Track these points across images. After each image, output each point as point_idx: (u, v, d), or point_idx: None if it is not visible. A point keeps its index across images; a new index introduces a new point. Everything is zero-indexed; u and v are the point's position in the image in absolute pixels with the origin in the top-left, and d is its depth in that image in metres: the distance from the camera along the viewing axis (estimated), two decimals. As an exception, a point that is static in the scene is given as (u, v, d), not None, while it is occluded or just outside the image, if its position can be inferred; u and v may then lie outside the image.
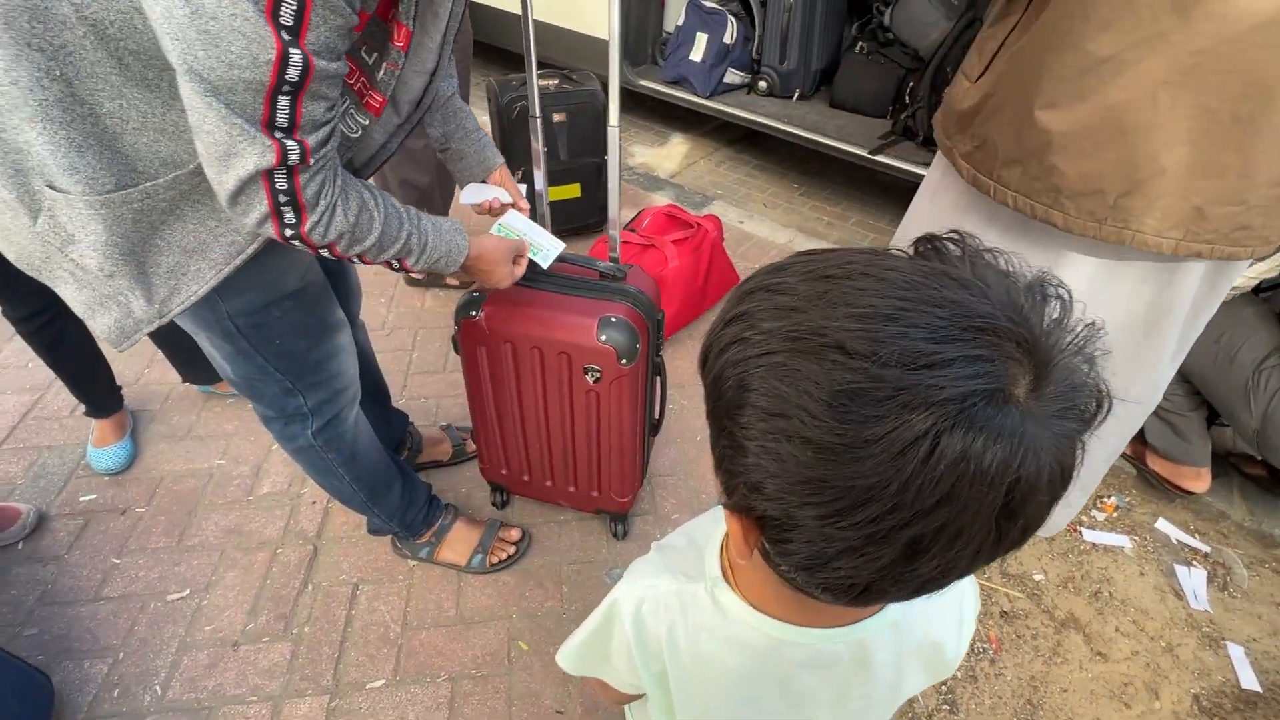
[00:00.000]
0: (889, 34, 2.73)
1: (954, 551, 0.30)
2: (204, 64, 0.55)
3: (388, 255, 0.80)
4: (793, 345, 0.30)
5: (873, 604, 0.37)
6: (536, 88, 1.20)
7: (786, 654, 0.46)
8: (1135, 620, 1.44)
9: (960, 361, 0.28)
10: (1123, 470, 1.72)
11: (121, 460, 1.53)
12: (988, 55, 1.02)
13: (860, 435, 0.28)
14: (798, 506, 0.31)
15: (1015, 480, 0.28)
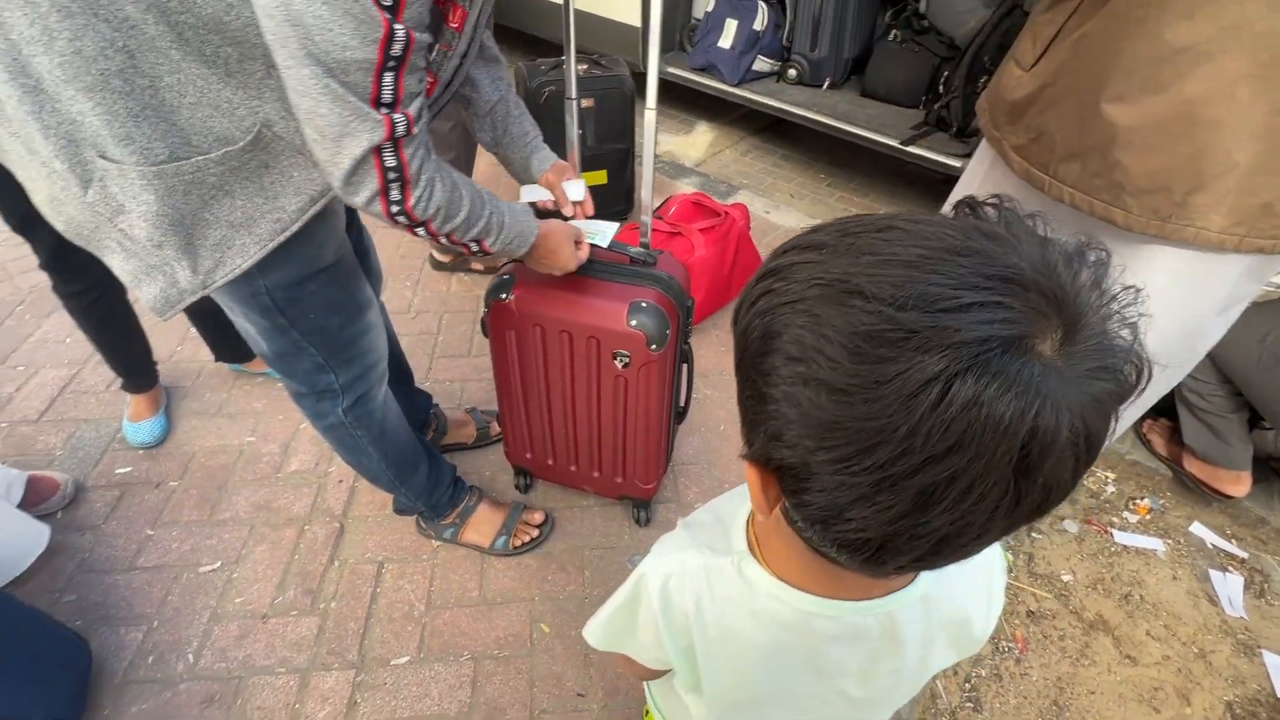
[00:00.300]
0: (924, 22, 2.67)
1: (967, 505, 0.29)
2: (321, 48, 0.58)
3: (473, 234, 0.83)
4: (818, 292, 0.30)
5: (889, 566, 0.35)
6: (575, 72, 1.19)
7: (814, 626, 0.45)
8: (1167, 625, 1.41)
9: (978, 307, 0.27)
10: (1157, 472, 1.68)
11: (156, 435, 1.57)
12: (1043, 41, 0.98)
13: (873, 376, 0.28)
14: (813, 452, 0.31)
15: (1031, 433, 0.27)
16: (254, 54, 0.67)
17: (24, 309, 1.94)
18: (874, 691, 0.52)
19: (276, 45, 0.60)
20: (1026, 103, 0.99)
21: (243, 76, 0.68)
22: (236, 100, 0.69)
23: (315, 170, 0.78)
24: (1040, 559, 1.52)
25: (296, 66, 0.61)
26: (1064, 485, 0.30)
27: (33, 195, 0.74)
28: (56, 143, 0.66)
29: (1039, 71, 0.98)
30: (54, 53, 0.60)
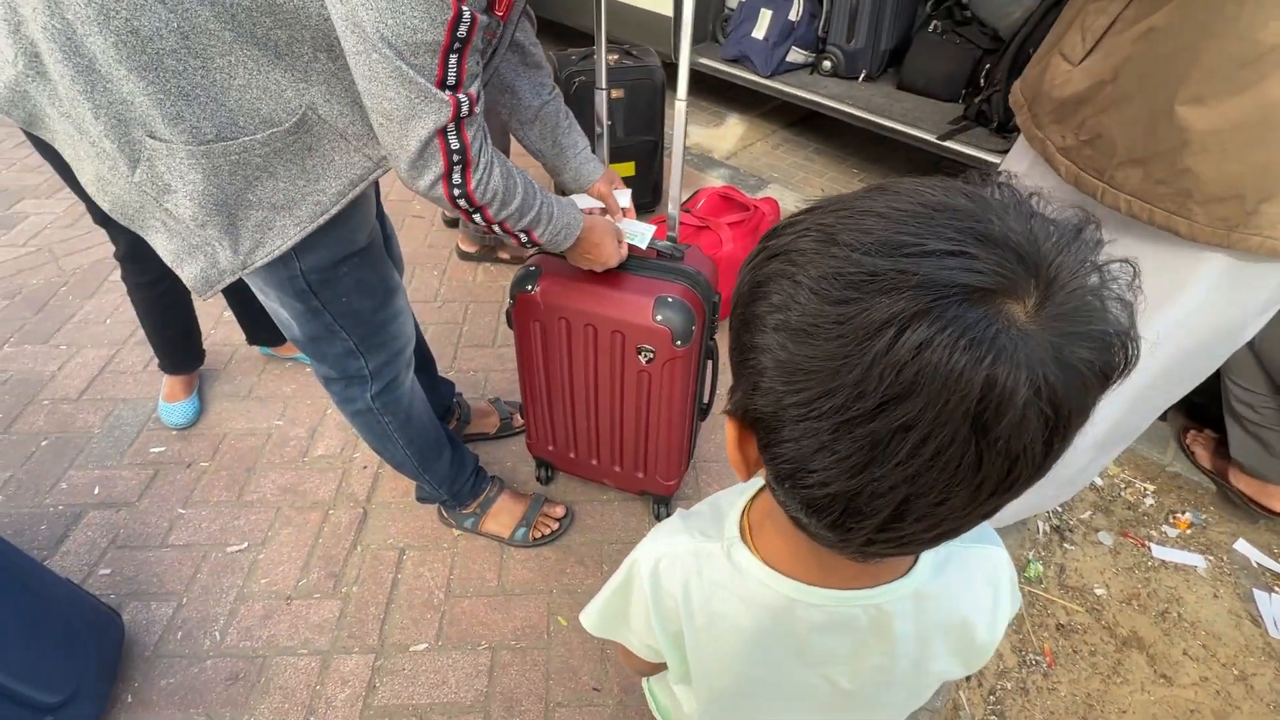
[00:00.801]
0: (966, 12, 2.59)
1: (923, 459, 0.28)
2: (393, 30, 0.59)
3: (525, 222, 0.85)
4: (804, 244, 0.31)
5: (857, 535, 0.34)
6: (605, 62, 1.17)
7: (802, 614, 0.45)
8: (1205, 645, 1.35)
9: (943, 255, 0.27)
10: (1200, 485, 1.61)
11: (189, 416, 1.60)
12: (1094, 34, 0.92)
13: (834, 316, 0.28)
14: (782, 397, 0.31)
15: (986, 385, 0.26)
16: (302, 36, 0.68)
17: (68, 290, 2.00)
18: (865, 687, 0.50)
19: (345, 29, 0.62)
20: (1078, 101, 0.93)
21: (291, 59, 0.69)
22: (284, 83, 0.70)
23: (356, 154, 0.79)
24: (1072, 570, 1.47)
25: (366, 51, 0.62)
26: (1032, 455, 0.29)
27: (80, 175, 0.76)
28: (107, 122, 0.67)
29: (1091, 67, 0.92)
30: (110, 31, 0.61)
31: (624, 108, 2.15)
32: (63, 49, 0.62)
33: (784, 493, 0.36)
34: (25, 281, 2.02)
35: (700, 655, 0.52)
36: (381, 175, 0.82)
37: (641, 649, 0.59)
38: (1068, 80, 0.95)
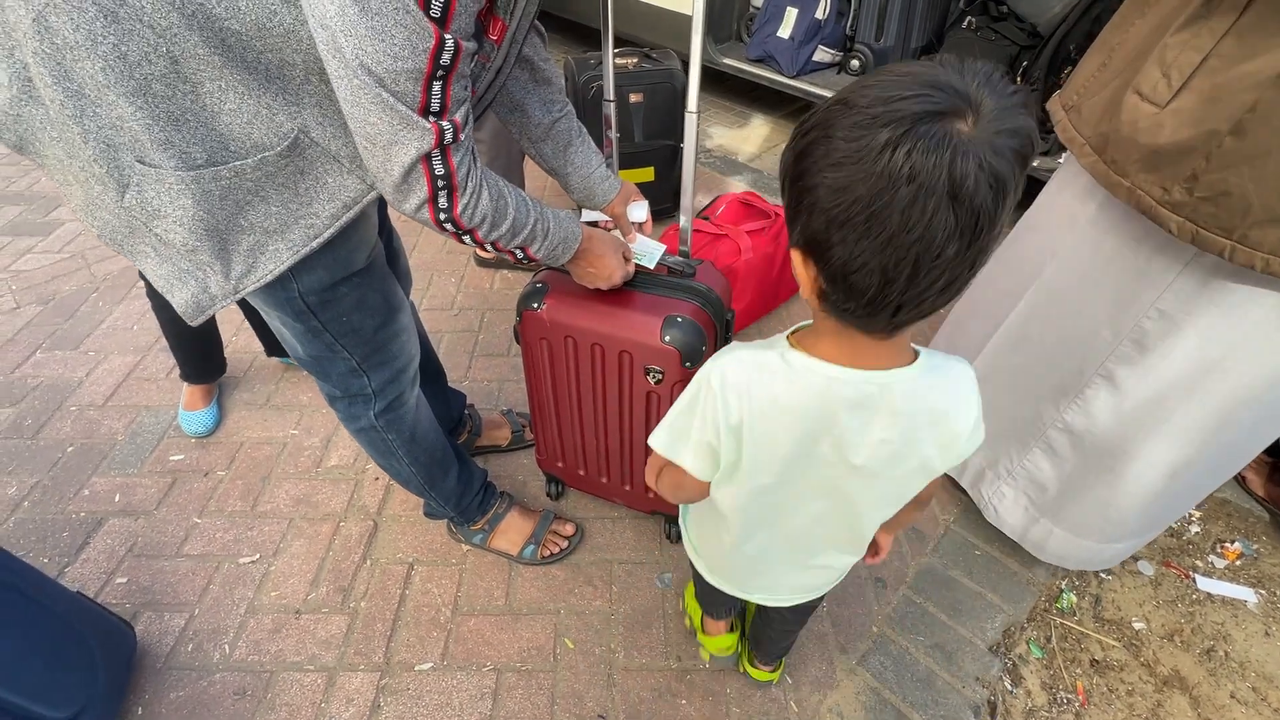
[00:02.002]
0: (1003, 8, 2.48)
1: (924, 224, 0.43)
2: (373, 57, 0.58)
3: (518, 240, 0.83)
4: (831, 116, 0.46)
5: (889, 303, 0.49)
6: (612, 71, 1.14)
7: (836, 392, 0.58)
8: (1256, 687, 1.26)
9: (912, 98, 0.43)
10: (1251, 513, 1.51)
11: (209, 425, 1.62)
12: (1182, 71, 0.82)
13: (855, 148, 0.44)
14: (831, 212, 0.46)
15: (951, 164, 0.42)
16: (294, 60, 0.66)
17: (98, 296, 2.05)
18: (870, 462, 0.62)
19: (328, 55, 0.60)
20: (1181, 151, 0.83)
21: (282, 83, 0.68)
22: (275, 106, 0.69)
23: (349, 177, 0.77)
24: (1109, 602, 1.38)
25: (348, 76, 0.60)
26: (988, 211, 0.44)
27: (69, 200, 0.76)
28: (96, 146, 0.66)
29: (1190, 111, 0.82)
30: (97, 57, 0.60)
31: (643, 111, 2.11)
32: (53, 73, 0.62)
33: (834, 291, 0.51)
34: (59, 288, 2.07)
35: (754, 437, 0.62)
36: (376, 196, 0.80)
37: (699, 459, 0.67)
38: (1158, 125, 0.85)
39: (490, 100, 0.85)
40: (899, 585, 1.36)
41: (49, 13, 0.58)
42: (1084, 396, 1.14)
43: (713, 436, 0.64)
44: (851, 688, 1.21)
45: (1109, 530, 1.24)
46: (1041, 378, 1.21)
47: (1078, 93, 1.01)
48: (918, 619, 1.31)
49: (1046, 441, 1.24)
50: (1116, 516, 1.21)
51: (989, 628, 1.30)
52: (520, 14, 0.74)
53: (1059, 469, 1.24)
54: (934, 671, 1.23)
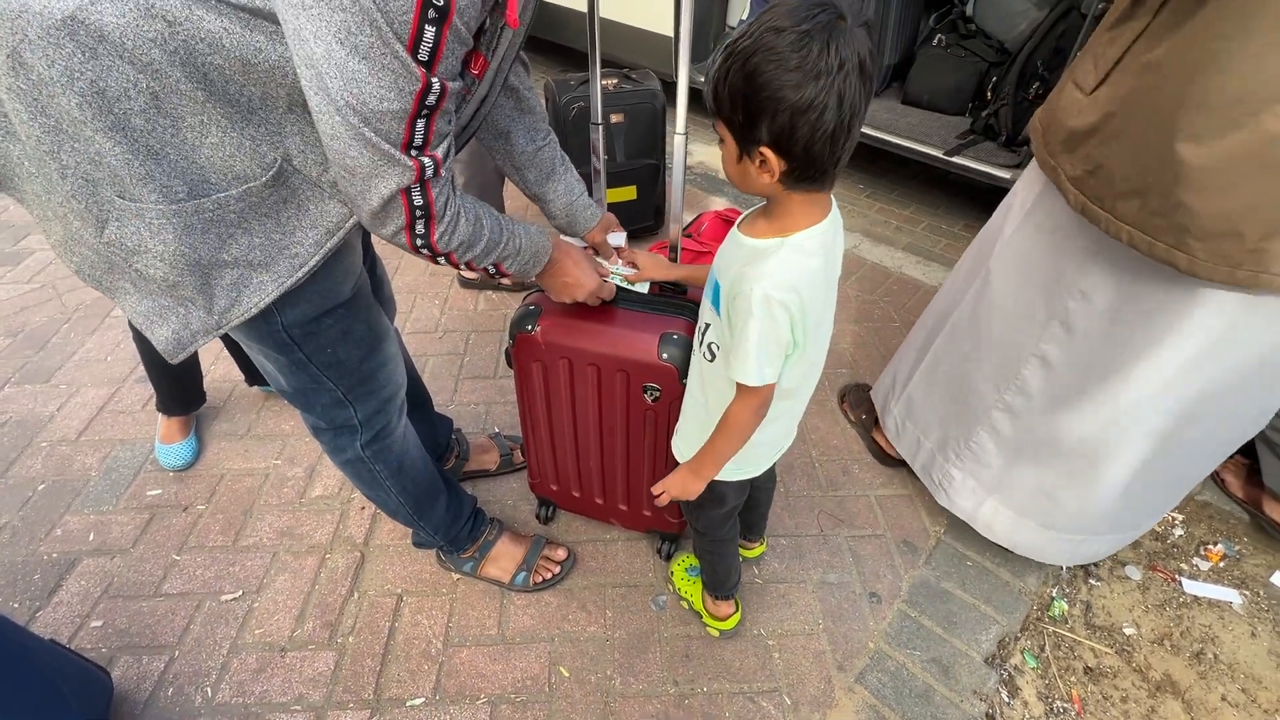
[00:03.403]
0: (971, 25, 2.55)
1: (854, 88, 0.63)
2: (359, 98, 0.58)
3: (492, 258, 0.84)
4: (767, 40, 0.62)
5: (838, 162, 0.69)
6: (600, 96, 1.14)
7: (826, 239, 0.78)
8: (1245, 689, 1.28)
9: (818, 15, 0.61)
10: (1232, 515, 1.54)
11: (187, 458, 1.58)
12: (1105, 64, 0.90)
13: (802, 57, 0.61)
14: (794, 102, 0.63)
15: (857, 49, 0.62)
16: (277, 94, 0.66)
17: (69, 328, 1.99)
18: (835, 265, 0.84)
19: (310, 92, 0.60)
20: (1087, 132, 0.91)
21: (265, 114, 0.67)
22: (259, 138, 0.68)
23: (330, 203, 0.76)
24: (1099, 608, 1.40)
25: (331, 114, 0.60)
26: (873, 76, 0.65)
27: (48, 237, 0.74)
28: (74, 182, 0.65)
29: (1101, 98, 0.90)
30: (74, 93, 0.59)
31: (624, 132, 2.12)
32: (29, 109, 0.60)
33: (798, 167, 0.68)
34: (29, 320, 2.01)
35: (809, 309, 0.78)
36: (358, 222, 0.79)
37: (779, 364, 0.81)
38: (1079, 110, 0.93)
39: (475, 129, 0.85)
40: (894, 600, 1.36)
41: (23, 49, 0.56)
42: (1021, 377, 1.20)
43: (788, 333, 0.78)
44: (850, 706, 1.20)
45: (1057, 517, 1.28)
46: (985, 359, 1.26)
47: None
48: (913, 633, 1.31)
49: (990, 422, 1.28)
50: (1063, 502, 1.25)
51: (984, 639, 1.31)
52: (504, 49, 0.74)
53: (1002, 448, 1.29)
54: (932, 687, 1.23)
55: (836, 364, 1.93)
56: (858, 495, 1.57)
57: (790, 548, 1.45)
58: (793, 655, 1.27)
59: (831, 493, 1.57)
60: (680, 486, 0.95)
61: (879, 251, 2.41)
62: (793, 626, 1.31)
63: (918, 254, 2.41)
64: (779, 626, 1.31)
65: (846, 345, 2.00)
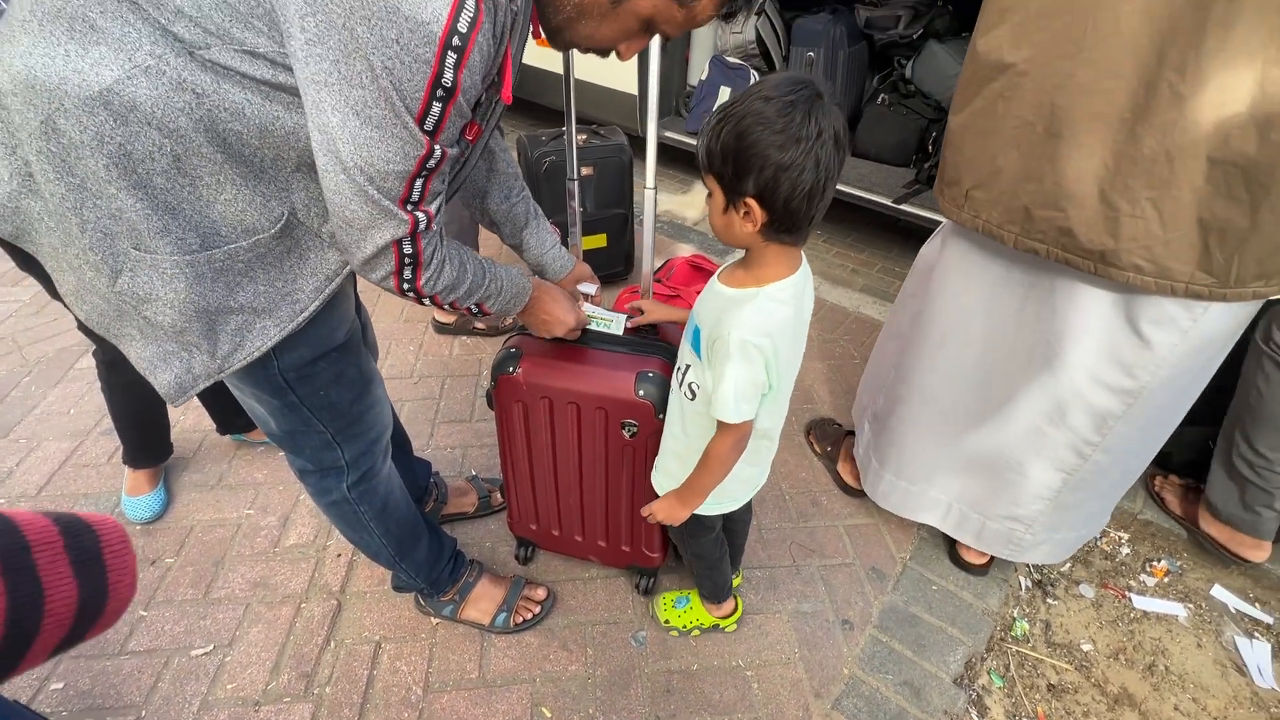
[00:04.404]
0: (910, 85, 2.78)
1: (828, 154, 0.74)
2: (367, 161, 0.65)
3: (473, 300, 0.90)
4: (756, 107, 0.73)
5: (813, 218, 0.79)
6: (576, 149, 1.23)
7: (800, 289, 0.88)
8: (1195, 698, 1.35)
9: (801, 89, 0.73)
10: (1172, 532, 1.64)
11: (155, 509, 1.55)
12: None
13: (782, 118, 0.72)
14: (779, 162, 0.73)
15: (834, 120, 0.73)
16: (288, 155, 0.72)
17: (30, 380, 1.95)
18: (805, 313, 0.93)
19: (320, 153, 0.66)
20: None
21: (274, 172, 0.73)
22: (269, 193, 0.73)
23: (329, 252, 0.81)
24: (1058, 626, 1.47)
25: (337, 172, 0.66)
26: (847, 147, 0.77)
27: (60, 285, 0.77)
28: (93, 236, 0.69)
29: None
30: (103, 155, 0.64)
31: (594, 184, 2.23)
32: (56, 170, 0.65)
33: (778, 220, 0.78)
34: (-14, 373, 1.97)
35: (782, 354, 0.87)
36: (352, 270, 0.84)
37: (756, 402, 0.88)
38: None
39: (457, 188, 0.92)
40: (865, 626, 1.41)
41: (58, 116, 0.61)
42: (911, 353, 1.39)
43: (763, 375, 0.86)
44: (829, 732, 1.23)
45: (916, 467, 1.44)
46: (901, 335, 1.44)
47: None
48: (885, 658, 1.35)
49: (893, 394, 1.45)
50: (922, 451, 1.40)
51: (952, 660, 1.36)
52: (493, 118, 0.82)
53: (894, 414, 1.45)
54: (905, 709, 1.27)
55: (802, 400, 2.01)
56: (827, 526, 1.63)
57: (765, 579, 1.49)
58: (771, 685, 1.30)
59: (802, 524, 1.63)
60: (667, 511, 1.05)
61: (837, 293, 2.54)
62: (770, 656, 1.34)
63: (873, 294, 2.55)
64: (757, 657, 1.34)
65: (810, 381, 2.09)
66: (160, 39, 0.61)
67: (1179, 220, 0.88)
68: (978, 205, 1.05)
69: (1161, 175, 0.87)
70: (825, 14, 2.78)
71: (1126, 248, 0.93)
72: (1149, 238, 0.91)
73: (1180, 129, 0.84)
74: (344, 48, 0.60)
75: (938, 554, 1.57)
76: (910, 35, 2.74)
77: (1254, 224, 0.86)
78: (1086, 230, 0.95)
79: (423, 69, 0.61)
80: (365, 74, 0.60)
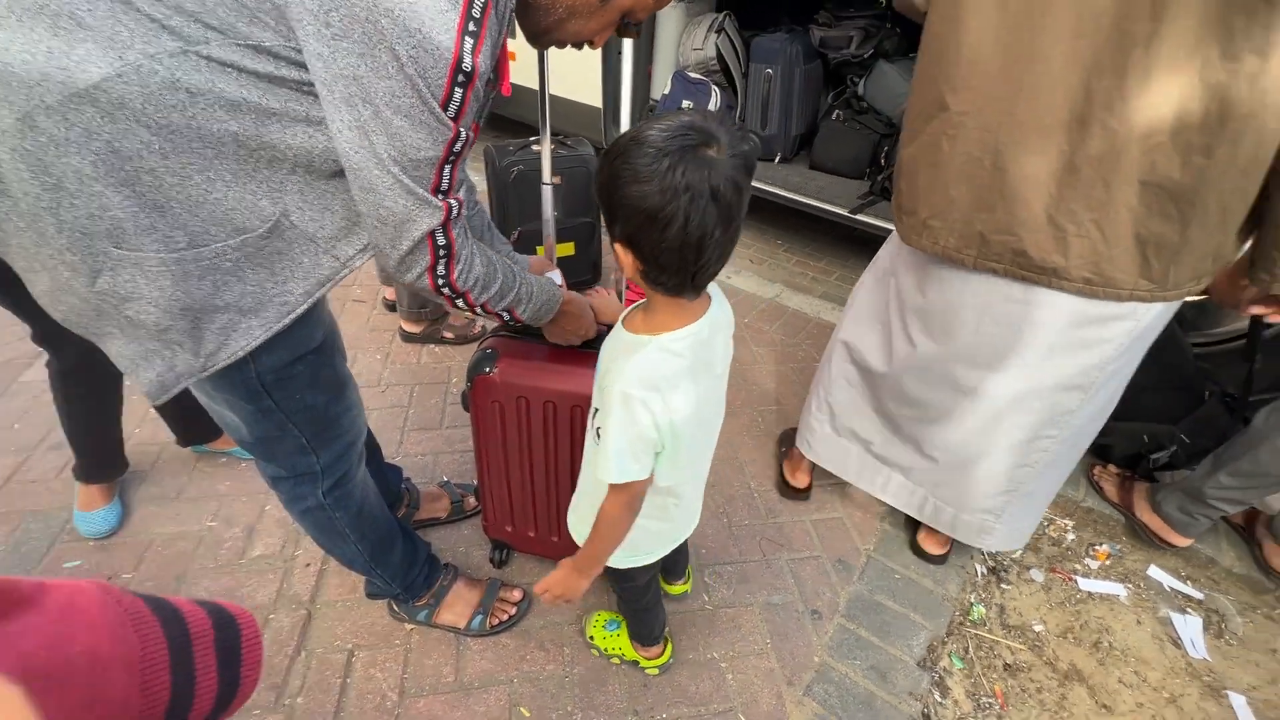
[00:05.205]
0: (863, 102, 2.91)
1: (698, 218, 0.66)
2: (402, 151, 0.68)
3: (506, 302, 0.92)
4: (630, 150, 0.67)
5: (695, 275, 0.72)
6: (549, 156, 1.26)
7: (701, 337, 0.81)
8: (1137, 670, 1.44)
9: (680, 136, 0.66)
10: (1111, 517, 1.75)
11: (110, 524, 1.50)
12: None
13: (650, 169, 0.66)
14: (644, 211, 0.67)
15: (711, 178, 0.66)
16: (284, 155, 0.72)
17: (-31, 395, 1.86)
18: (722, 363, 0.89)
19: (352, 150, 0.68)
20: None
21: (269, 172, 0.72)
22: (260, 193, 0.73)
23: (324, 256, 0.81)
24: (1012, 610, 1.55)
25: (371, 168, 0.69)
26: (736, 206, 0.69)
27: (32, 286, 0.74)
28: (70, 236, 0.67)
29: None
30: (89, 152, 0.63)
31: (562, 193, 2.26)
32: (31, 169, 0.63)
33: (650, 269, 0.72)
34: (-81, 388, 1.87)
35: (675, 411, 0.79)
36: (347, 275, 0.85)
37: (648, 459, 0.82)
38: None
39: None
40: (833, 615, 1.46)
41: (38, 114, 0.61)
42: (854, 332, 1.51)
43: (652, 433, 0.79)
44: (801, 717, 1.27)
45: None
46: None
47: None
48: (853, 645, 1.41)
49: (845, 378, 1.52)
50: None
51: (915, 644, 1.42)
52: (485, 115, 0.84)
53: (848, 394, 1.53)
54: (873, 692, 1.32)
55: (764, 401, 2.08)
56: (795, 521, 1.68)
57: (736, 574, 1.53)
58: (745, 675, 1.33)
59: (771, 520, 1.68)
60: (563, 586, 0.94)
61: (798, 299, 2.63)
62: (743, 648, 1.38)
63: (832, 300, 2.65)
64: (730, 649, 1.38)
65: (772, 385, 2.15)
66: (154, 36, 0.61)
67: (1119, 237, 0.98)
68: (935, 233, 1.12)
69: (1100, 199, 0.96)
70: (782, 33, 2.89)
71: (1075, 264, 1.02)
72: (1095, 254, 1.00)
73: (1112, 158, 0.93)
74: (369, 40, 0.62)
75: (899, 545, 1.64)
76: (861, 55, 2.88)
77: (1184, 238, 0.95)
78: (1038, 251, 1.03)
79: (444, 55, 0.64)
80: (391, 64, 0.63)
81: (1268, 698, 1.41)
